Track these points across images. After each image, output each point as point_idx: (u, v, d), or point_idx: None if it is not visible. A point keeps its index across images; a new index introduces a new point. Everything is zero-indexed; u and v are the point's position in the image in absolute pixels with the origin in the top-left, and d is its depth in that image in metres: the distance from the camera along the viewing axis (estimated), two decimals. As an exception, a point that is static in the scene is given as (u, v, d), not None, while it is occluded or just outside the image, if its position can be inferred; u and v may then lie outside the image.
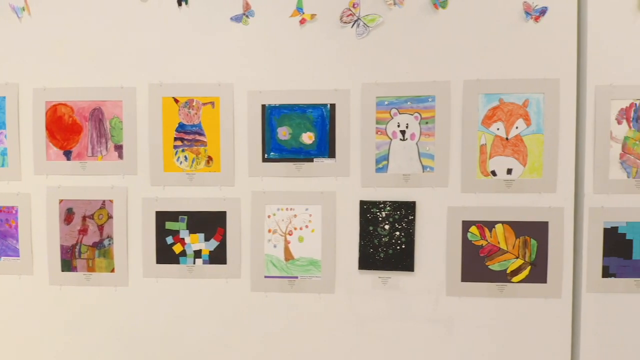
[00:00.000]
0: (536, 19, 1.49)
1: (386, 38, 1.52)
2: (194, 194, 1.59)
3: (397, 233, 1.54)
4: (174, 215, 1.60)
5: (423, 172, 1.53)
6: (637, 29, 1.47)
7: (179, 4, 1.55)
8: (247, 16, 1.55)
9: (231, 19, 1.55)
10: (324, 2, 1.53)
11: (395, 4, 1.51)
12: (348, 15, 1.52)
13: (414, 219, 1.53)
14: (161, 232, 1.60)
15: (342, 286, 1.58)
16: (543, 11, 1.48)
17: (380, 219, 1.54)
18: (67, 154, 1.60)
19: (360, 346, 1.58)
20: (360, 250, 1.55)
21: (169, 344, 1.61)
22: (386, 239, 1.54)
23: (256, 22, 1.55)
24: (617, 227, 1.50)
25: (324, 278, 1.57)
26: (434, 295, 1.55)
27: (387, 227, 1.54)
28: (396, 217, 1.54)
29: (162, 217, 1.60)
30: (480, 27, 1.50)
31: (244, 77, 1.56)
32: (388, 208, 1.54)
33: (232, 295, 1.60)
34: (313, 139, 1.56)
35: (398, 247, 1.54)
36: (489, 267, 1.54)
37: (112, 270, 1.61)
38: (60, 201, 1.61)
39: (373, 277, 1.57)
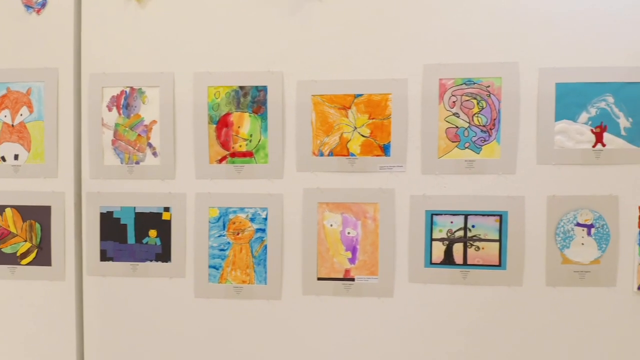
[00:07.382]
0: (38, 12, 1.55)
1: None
2: None
3: None
4: None
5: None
6: (127, 20, 1.52)
7: None
8: None
9: None
10: None
11: None
12: None
13: None
14: None
15: None
16: (44, 4, 1.55)
17: None
18: None
19: None
20: None
21: None
22: None
23: None
24: (112, 212, 1.54)
25: None
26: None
27: None
28: None
29: None
30: (-11, 19, 1.58)
31: None
32: None
33: None
34: None
35: None
36: (2, 250, 1.58)
37: None
38: None
39: None
